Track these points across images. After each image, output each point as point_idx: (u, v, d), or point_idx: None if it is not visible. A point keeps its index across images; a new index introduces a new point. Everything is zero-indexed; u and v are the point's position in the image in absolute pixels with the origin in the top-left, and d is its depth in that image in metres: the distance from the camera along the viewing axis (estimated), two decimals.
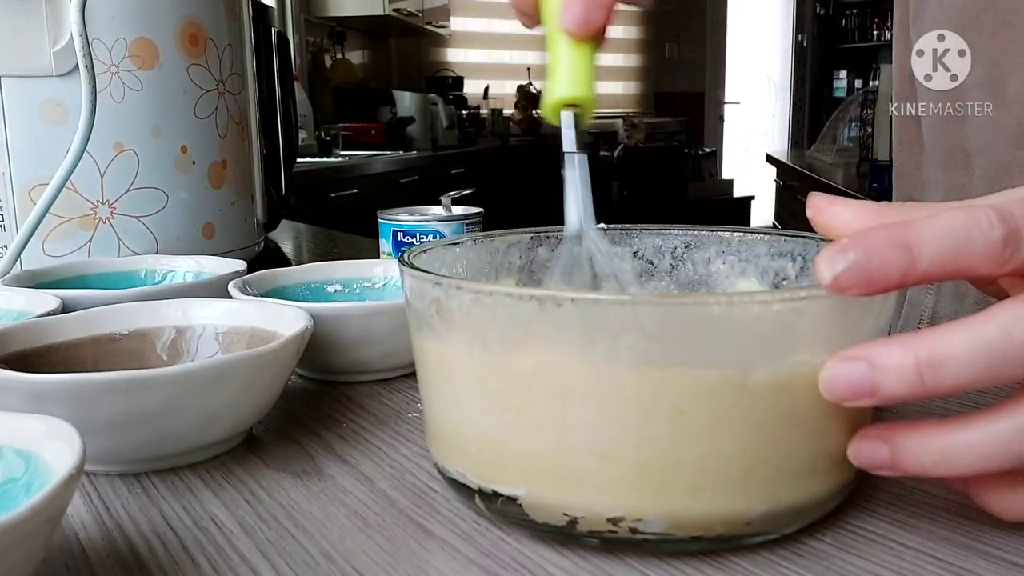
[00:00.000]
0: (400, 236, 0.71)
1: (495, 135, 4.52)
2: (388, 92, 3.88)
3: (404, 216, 0.72)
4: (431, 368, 0.32)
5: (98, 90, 0.59)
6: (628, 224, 0.41)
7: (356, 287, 0.55)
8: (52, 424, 0.27)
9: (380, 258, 0.68)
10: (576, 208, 0.36)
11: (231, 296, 0.47)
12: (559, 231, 0.40)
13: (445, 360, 0.31)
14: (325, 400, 0.45)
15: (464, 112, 4.37)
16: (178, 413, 0.34)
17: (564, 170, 0.36)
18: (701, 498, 0.27)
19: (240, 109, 0.77)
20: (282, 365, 0.38)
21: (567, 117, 0.36)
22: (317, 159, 3.02)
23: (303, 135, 2.99)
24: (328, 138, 3.35)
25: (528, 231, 0.40)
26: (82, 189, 0.65)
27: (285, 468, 0.36)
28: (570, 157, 0.36)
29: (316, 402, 0.45)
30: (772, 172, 5.20)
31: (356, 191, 2.84)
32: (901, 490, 0.33)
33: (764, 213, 5.63)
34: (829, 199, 0.30)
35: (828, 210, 0.30)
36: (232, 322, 0.44)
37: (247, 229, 0.79)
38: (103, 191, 0.66)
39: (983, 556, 0.28)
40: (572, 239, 0.36)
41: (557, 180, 0.36)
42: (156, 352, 0.44)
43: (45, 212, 0.58)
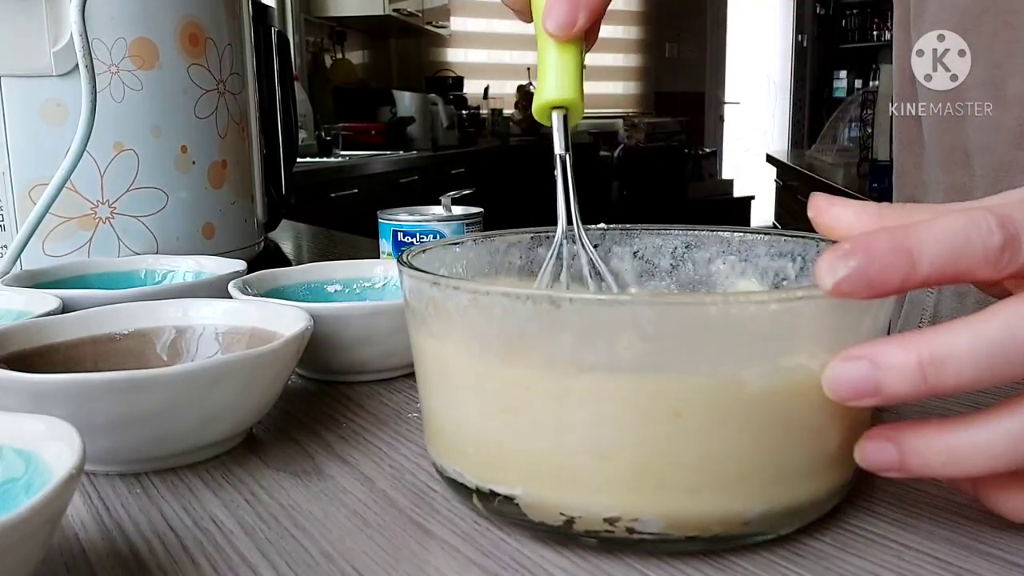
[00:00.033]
0: (400, 236, 0.71)
1: (495, 135, 4.52)
2: (388, 92, 3.89)
3: (404, 216, 0.72)
4: (429, 368, 0.32)
5: (98, 90, 0.59)
6: (628, 224, 0.41)
7: (356, 287, 0.55)
8: (52, 424, 0.27)
9: (380, 258, 0.68)
10: (562, 209, 0.37)
11: (231, 296, 0.47)
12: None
13: (443, 360, 0.31)
14: (325, 400, 0.45)
15: (464, 112, 4.37)
16: (178, 413, 0.34)
17: (556, 171, 0.37)
18: (699, 498, 0.27)
19: (240, 109, 0.77)
20: (282, 365, 0.38)
21: (556, 119, 0.37)
22: (317, 159, 3.02)
23: (303, 135, 3.00)
24: (328, 138, 3.35)
25: (528, 231, 0.40)
26: (82, 189, 0.65)
27: (285, 468, 0.36)
28: (562, 159, 0.37)
29: (316, 402, 0.45)
30: (772, 172, 5.20)
31: (356, 191, 2.84)
32: (901, 490, 0.33)
33: (764, 213, 5.63)
34: (830, 199, 0.30)
35: (829, 210, 0.30)
36: (232, 322, 0.44)
37: (247, 229, 0.79)
38: (103, 191, 0.66)
39: (983, 556, 0.28)
40: (560, 239, 0.37)
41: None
42: (156, 352, 0.44)
43: (45, 212, 0.59)
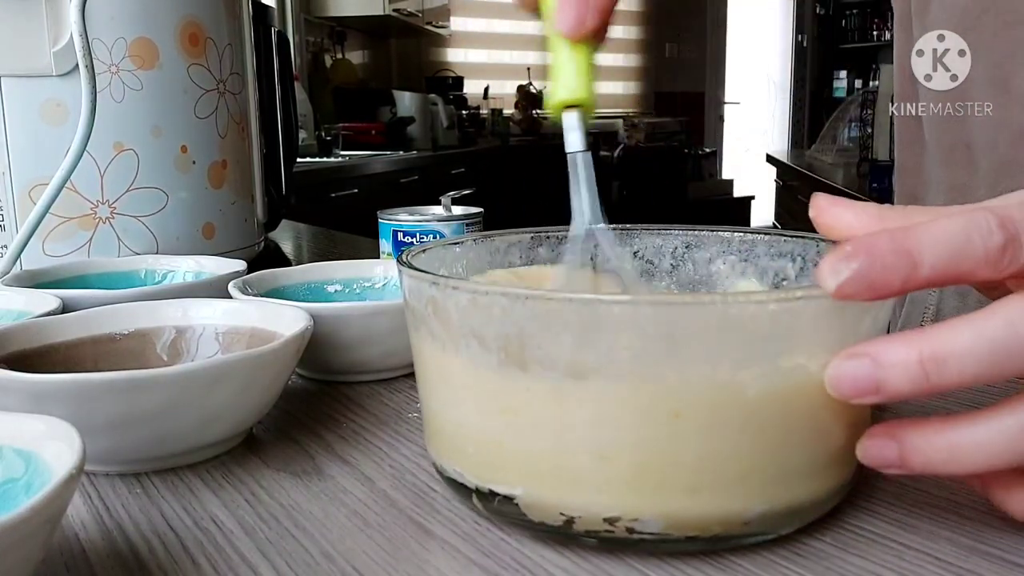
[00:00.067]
0: (400, 236, 0.71)
1: (495, 135, 4.52)
2: (388, 92, 3.89)
3: (404, 216, 0.72)
4: (429, 368, 0.32)
5: (98, 90, 0.59)
6: (628, 224, 0.41)
7: (356, 287, 0.55)
8: (52, 424, 0.27)
9: (380, 258, 0.68)
10: (583, 207, 0.36)
11: (231, 296, 0.47)
12: (559, 231, 0.40)
13: (443, 360, 0.31)
14: (325, 400, 0.45)
15: (464, 112, 4.37)
16: (178, 413, 0.34)
17: (568, 171, 0.36)
18: (699, 498, 0.27)
19: (240, 109, 0.77)
20: (282, 365, 0.38)
21: (569, 119, 0.37)
22: (317, 159, 3.02)
23: (303, 135, 3.00)
24: (328, 138, 3.35)
25: (528, 231, 0.40)
26: (82, 189, 0.65)
27: (285, 468, 0.36)
28: (573, 157, 0.36)
29: (316, 402, 0.45)
30: (772, 172, 5.20)
31: (356, 191, 2.84)
32: (901, 490, 0.33)
33: (764, 213, 5.63)
34: (832, 200, 0.30)
35: (830, 211, 0.30)
36: (232, 322, 0.44)
37: (247, 229, 0.79)
38: (103, 191, 0.66)
39: (983, 556, 0.28)
40: (579, 239, 0.36)
41: (557, 180, 0.37)
42: (156, 352, 0.44)
43: (45, 212, 0.59)
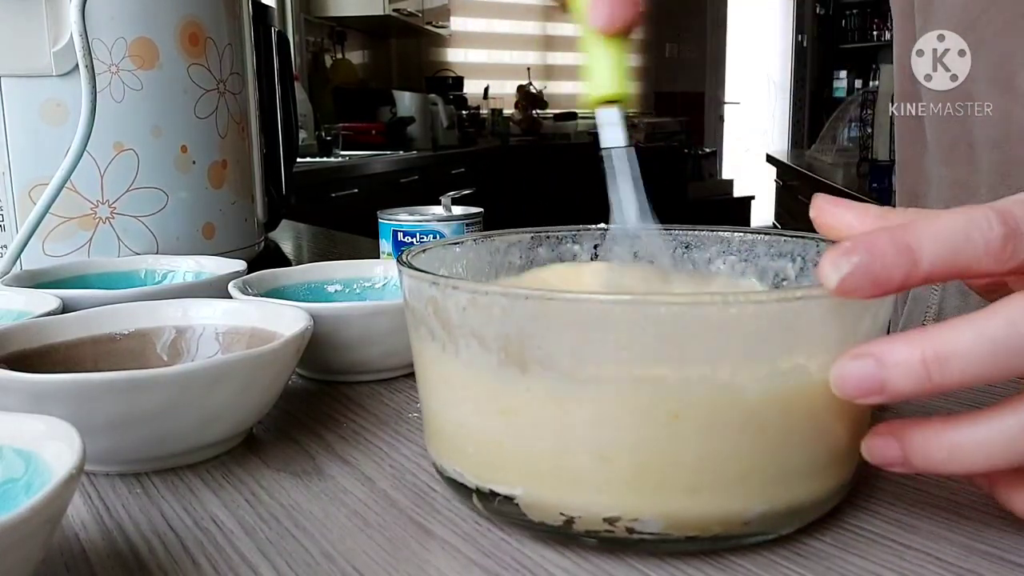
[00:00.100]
0: (400, 236, 0.71)
1: (495, 135, 4.52)
2: (388, 92, 3.89)
3: (404, 216, 0.72)
4: (429, 368, 0.32)
5: (98, 90, 0.59)
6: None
7: (356, 287, 0.55)
8: (52, 424, 0.27)
9: (380, 258, 0.68)
10: (629, 204, 0.36)
11: (231, 296, 0.47)
12: (559, 231, 0.40)
13: (443, 360, 0.31)
14: (325, 400, 0.45)
15: (464, 112, 4.37)
16: (178, 413, 0.34)
17: (604, 167, 0.36)
18: (699, 498, 0.27)
19: (240, 109, 0.77)
20: (282, 365, 0.38)
21: (608, 114, 0.36)
22: (317, 159, 3.02)
23: (303, 135, 3.00)
24: (328, 138, 3.35)
25: (528, 231, 0.40)
26: (82, 189, 0.65)
27: (285, 468, 0.36)
28: (611, 153, 0.36)
29: (316, 402, 0.45)
30: (772, 172, 5.20)
31: (356, 191, 2.84)
32: (901, 490, 0.33)
33: (764, 213, 5.63)
34: (832, 200, 0.30)
35: (831, 211, 0.30)
36: (232, 322, 0.44)
37: (247, 229, 0.79)
38: (103, 191, 0.66)
39: (983, 556, 0.28)
40: (625, 236, 0.36)
41: (557, 180, 0.36)
42: (156, 352, 0.44)
43: (45, 212, 0.58)
